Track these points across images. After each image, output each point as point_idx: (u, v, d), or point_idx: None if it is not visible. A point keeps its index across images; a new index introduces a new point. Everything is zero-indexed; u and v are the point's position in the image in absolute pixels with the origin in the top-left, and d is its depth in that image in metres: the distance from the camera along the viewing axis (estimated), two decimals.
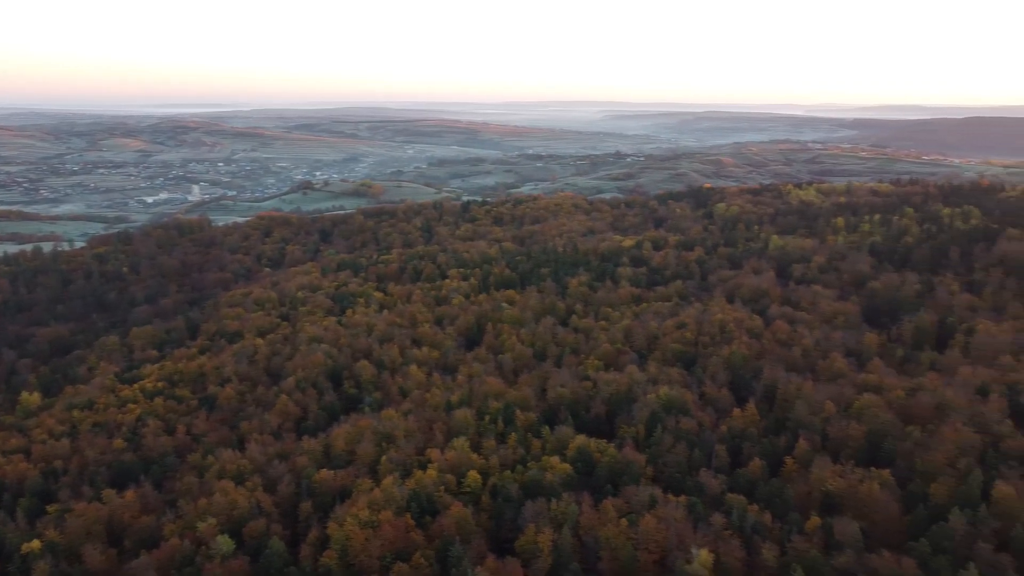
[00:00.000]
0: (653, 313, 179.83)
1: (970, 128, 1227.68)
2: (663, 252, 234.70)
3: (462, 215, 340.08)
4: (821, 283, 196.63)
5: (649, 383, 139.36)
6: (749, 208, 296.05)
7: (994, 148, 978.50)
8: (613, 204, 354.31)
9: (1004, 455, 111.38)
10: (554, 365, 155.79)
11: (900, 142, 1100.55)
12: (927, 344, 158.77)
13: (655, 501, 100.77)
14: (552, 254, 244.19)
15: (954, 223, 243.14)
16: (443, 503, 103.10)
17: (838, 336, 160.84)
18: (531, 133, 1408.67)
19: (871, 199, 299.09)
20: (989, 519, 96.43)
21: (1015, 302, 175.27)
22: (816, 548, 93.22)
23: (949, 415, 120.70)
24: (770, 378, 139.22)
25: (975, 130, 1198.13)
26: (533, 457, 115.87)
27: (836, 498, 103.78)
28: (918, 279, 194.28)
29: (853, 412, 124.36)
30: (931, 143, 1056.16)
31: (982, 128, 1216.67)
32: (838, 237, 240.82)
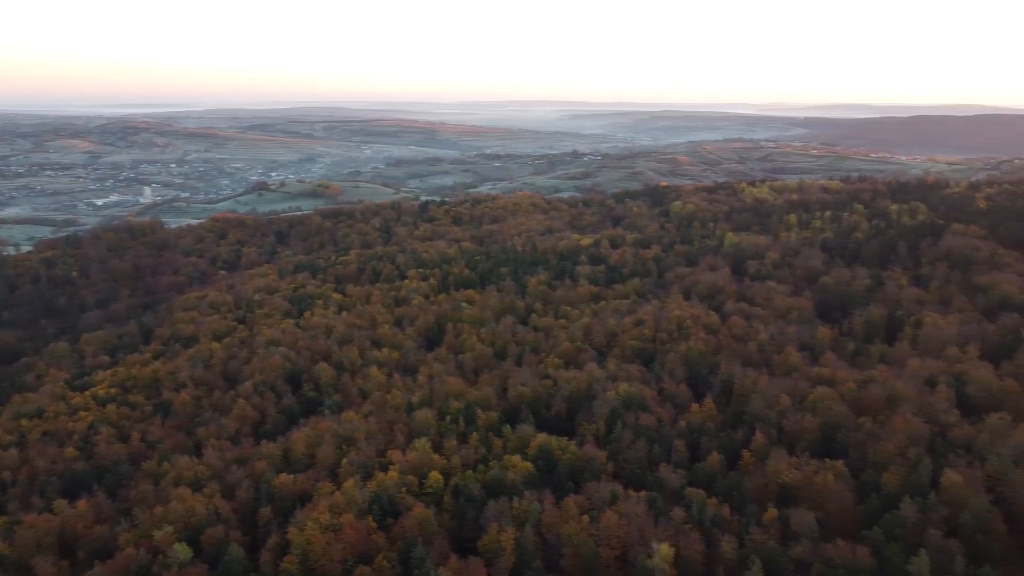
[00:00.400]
0: (612, 311, 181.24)
1: (915, 127, 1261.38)
2: (621, 250, 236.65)
3: (421, 215, 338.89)
4: (775, 279, 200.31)
5: (609, 380, 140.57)
6: (704, 206, 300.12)
7: (938, 146, 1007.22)
8: (571, 203, 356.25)
9: (952, 444, 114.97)
10: (514, 364, 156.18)
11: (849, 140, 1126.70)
12: (877, 337, 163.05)
13: (616, 497, 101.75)
14: (511, 253, 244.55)
15: (902, 219, 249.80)
16: (405, 504, 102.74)
17: (792, 331, 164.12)
18: (489, 133, 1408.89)
19: (822, 196, 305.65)
20: (938, 506, 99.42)
21: (960, 295, 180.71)
22: (773, 539, 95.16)
23: (899, 406, 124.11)
24: (727, 373, 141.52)
25: (920, 129, 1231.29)
26: (495, 456, 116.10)
27: (792, 490, 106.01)
28: (868, 274, 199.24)
29: (807, 405, 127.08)
30: (879, 141, 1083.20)
31: (927, 127, 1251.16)
32: (791, 234, 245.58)
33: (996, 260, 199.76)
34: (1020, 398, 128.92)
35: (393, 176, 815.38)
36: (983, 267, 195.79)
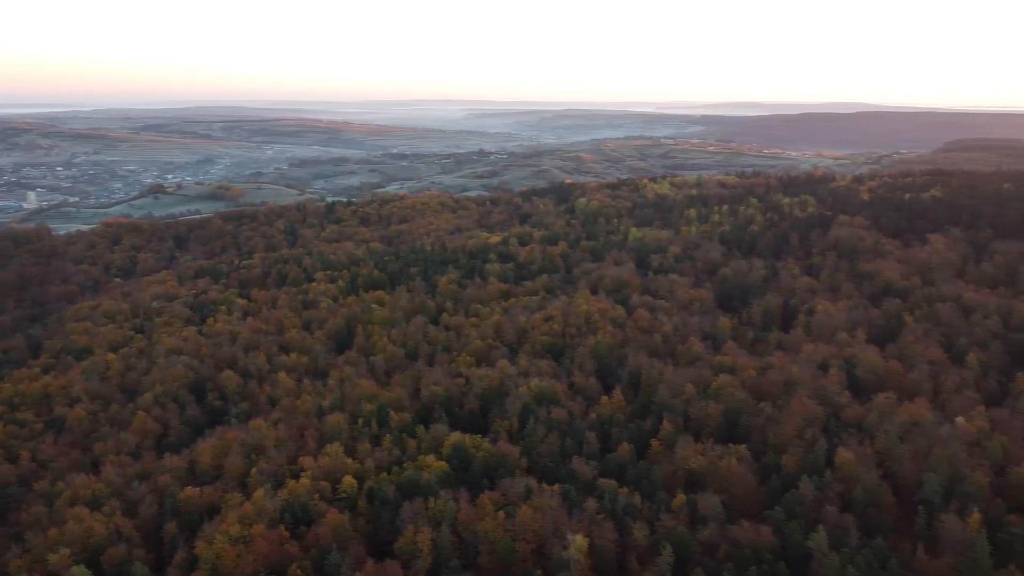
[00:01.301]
0: (521, 307, 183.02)
1: (804, 124, 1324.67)
2: (529, 247, 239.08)
3: (327, 216, 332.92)
4: (677, 272, 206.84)
5: (520, 376, 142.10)
6: (608, 202, 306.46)
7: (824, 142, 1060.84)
8: (479, 202, 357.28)
9: (844, 424, 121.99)
10: (426, 364, 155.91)
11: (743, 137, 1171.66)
12: (774, 325, 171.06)
13: (530, 491, 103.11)
14: (420, 253, 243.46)
15: (793, 211, 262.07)
16: (318, 511, 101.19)
17: (695, 321, 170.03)
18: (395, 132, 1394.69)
19: (720, 191, 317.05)
20: (833, 483, 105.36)
21: (847, 282, 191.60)
22: (683, 524, 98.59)
23: (795, 390, 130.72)
24: (634, 364, 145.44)
25: (808, 126, 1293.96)
26: (409, 457, 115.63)
27: (699, 475, 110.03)
28: (764, 265, 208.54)
29: (711, 392, 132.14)
30: (770, 138, 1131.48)
31: (814, 124, 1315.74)
32: (691, 228, 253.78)
33: (879, 249, 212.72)
34: (904, 378, 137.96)
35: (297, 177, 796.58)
36: (867, 256, 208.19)
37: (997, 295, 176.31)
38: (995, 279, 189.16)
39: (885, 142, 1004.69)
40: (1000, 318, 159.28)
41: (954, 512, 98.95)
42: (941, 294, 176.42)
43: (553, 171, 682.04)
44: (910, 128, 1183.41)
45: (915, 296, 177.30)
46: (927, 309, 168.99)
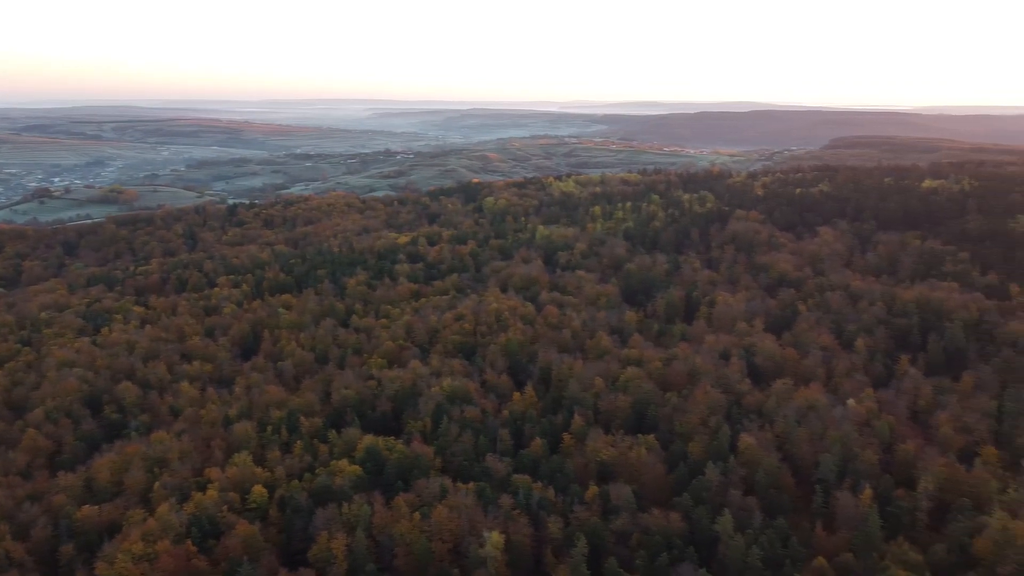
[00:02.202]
0: (432, 307, 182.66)
1: (701, 122, 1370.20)
2: (438, 247, 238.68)
3: (229, 219, 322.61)
4: (584, 268, 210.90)
5: (433, 376, 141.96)
6: (516, 201, 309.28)
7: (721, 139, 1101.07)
8: (387, 202, 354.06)
9: (745, 410, 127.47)
10: (337, 367, 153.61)
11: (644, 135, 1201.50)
12: (677, 317, 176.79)
13: (445, 491, 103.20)
14: (328, 255, 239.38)
15: (693, 207, 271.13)
16: (227, 523, 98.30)
17: (602, 316, 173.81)
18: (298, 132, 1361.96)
19: (623, 188, 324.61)
20: (737, 468, 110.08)
21: (745, 274, 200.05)
22: (596, 515, 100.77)
23: (699, 379, 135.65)
24: (544, 360, 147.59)
25: (705, 124, 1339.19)
26: (321, 463, 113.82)
27: (610, 466, 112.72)
28: (666, 259, 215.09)
29: (620, 385, 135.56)
30: (670, 136, 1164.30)
31: (711, 122, 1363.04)
32: (596, 225, 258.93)
33: (773, 242, 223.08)
34: (799, 364, 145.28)
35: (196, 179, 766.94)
36: (763, 248, 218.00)
37: (881, 283, 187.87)
38: (879, 268, 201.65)
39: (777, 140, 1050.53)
40: (884, 304, 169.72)
41: (848, 489, 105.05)
42: (831, 283, 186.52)
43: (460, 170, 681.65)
44: (799, 126, 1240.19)
45: (807, 286, 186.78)
46: (818, 298, 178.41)
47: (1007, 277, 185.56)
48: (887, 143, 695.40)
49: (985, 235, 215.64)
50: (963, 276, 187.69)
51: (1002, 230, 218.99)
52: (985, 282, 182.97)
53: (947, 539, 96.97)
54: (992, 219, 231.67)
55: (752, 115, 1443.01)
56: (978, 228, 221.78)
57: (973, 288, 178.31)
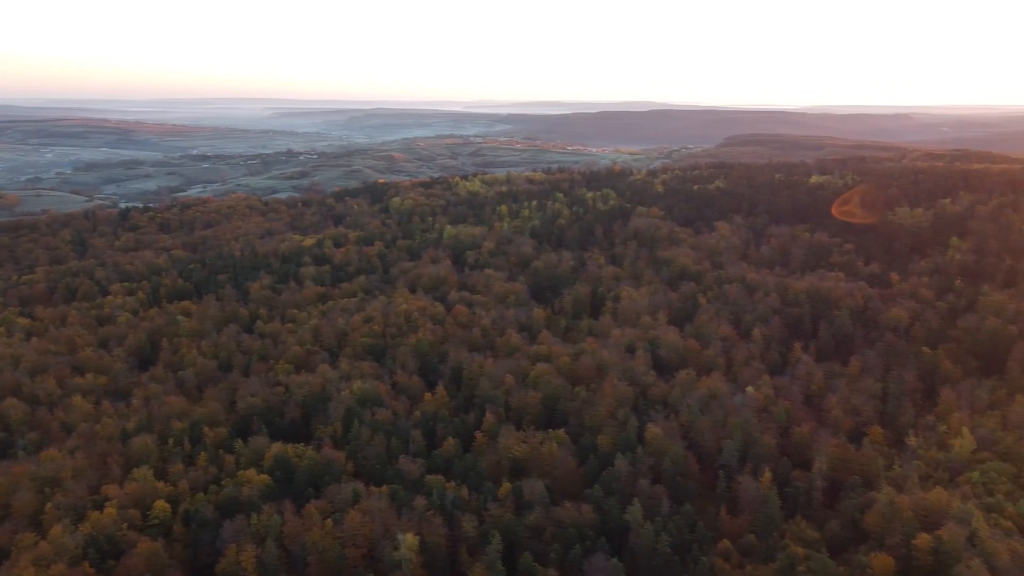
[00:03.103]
0: (340, 310, 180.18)
1: (602, 121, 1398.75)
2: (344, 249, 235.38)
3: (121, 224, 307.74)
4: (492, 267, 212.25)
5: (342, 380, 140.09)
6: (422, 201, 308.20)
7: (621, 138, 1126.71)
8: (290, 203, 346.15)
9: (651, 401, 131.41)
10: (242, 374, 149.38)
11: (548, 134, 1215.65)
12: (584, 313, 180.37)
13: (358, 495, 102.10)
14: (229, 259, 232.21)
15: (596, 205, 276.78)
16: (128, 542, 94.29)
17: (511, 314, 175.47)
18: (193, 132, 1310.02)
19: (528, 187, 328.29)
20: (645, 458, 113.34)
21: (648, 270, 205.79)
22: (509, 511, 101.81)
23: (607, 373, 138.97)
24: (455, 360, 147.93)
25: (606, 123, 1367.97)
26: (227, 474, 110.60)
27: (522, 462, 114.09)
28: (572, 256, 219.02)
29: (530, 381, 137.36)
30: (572, 135, 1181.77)
31: (611, 121, 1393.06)
32: (503, 223, 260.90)
33: (674, 237, 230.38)
34: (700, 355, 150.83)
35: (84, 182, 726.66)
36: (664, 243, 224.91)
37: (774, 274, 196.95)
38: (772, 260, 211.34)
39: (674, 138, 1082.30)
40: (778, 295, 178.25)
41: (749, 473, 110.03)
42: (728, 276, 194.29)
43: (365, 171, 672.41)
44: (695, 125, 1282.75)
45: (707, 279, 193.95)
46: (717, 290, 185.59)
47: (888, 266, 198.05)
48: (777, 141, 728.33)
49: (867, 227, 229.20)
50: (848, 266, 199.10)
51: (882, 222, 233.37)
52: (868, 271, 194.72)
53: (840, 515, 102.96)
54: (873, 211, 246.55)
55: (651, 114, 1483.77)
56: (861, 220, 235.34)
57: (858, 277, 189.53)
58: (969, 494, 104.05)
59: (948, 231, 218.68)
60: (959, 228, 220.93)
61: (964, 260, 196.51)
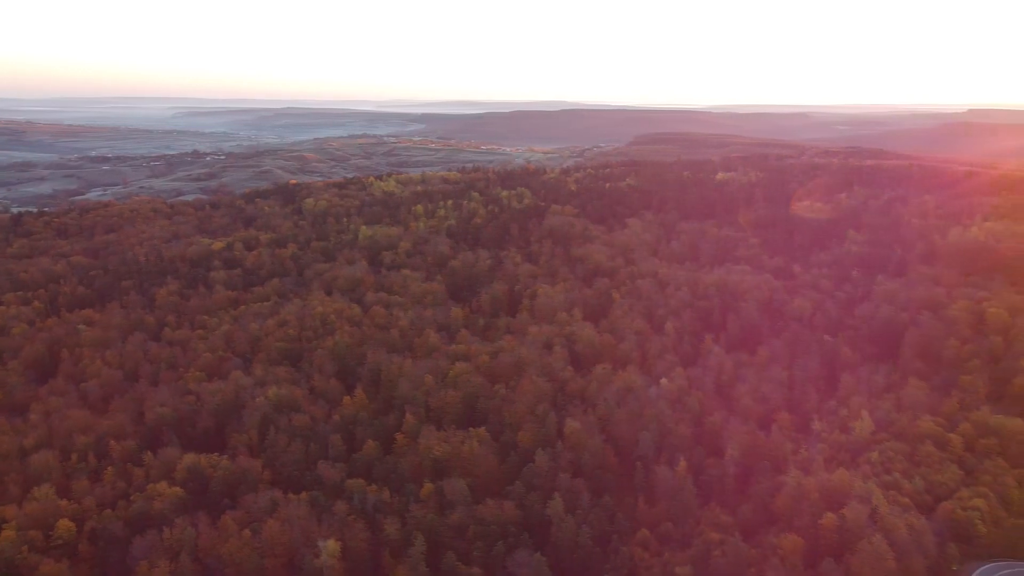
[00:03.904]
0: (253, 314, 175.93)
1: (516, 121, 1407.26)
2: (256, 252, 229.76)
3: (13, 230, 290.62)
4: (409, 267, 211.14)
5: (257, 386, 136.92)
6: (336, 201, 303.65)
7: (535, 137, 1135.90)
8: (197, 206, 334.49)
9: (570, 396, 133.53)
10: (150, 384, 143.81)
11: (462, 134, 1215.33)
12: (502, 311, 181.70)
13: (276, 504, 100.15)
14: (134, 265, 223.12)
15: (512, 203, 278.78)
16: (29, 564, 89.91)
17: (429, 314, 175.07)
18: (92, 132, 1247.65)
19: (444, 187, 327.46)
20: (564, 452, 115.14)
21: (563, 267, 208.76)
22: (432, 512, 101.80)
23: (525, 370, 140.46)
24: (373, 361, 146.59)
25: (519, 123, 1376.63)
26: (136, 488, 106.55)
27: (443, 462, 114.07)
28: (489, 255, 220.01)
29: (449, 381, 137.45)
30: (487, 134, 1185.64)
31: (525, 121, 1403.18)
32: (419, 223, 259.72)
33: (587, 234, 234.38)
34: (616, 349, 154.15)
35: None
36: (578, 241, 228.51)
37: (685, 269, 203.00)
38: (682, 255, 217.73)
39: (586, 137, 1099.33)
40: (689, 289, 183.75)
41: (665, 463, 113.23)
42: (641, 271, 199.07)
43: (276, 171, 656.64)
44: (606, 124, 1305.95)
45: (620, 275, 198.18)
46: (630, 286, 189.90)
47: (790, 259, 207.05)
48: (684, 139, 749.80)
49: (771, 221, 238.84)
50: (754, 259, 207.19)
51: (784, 216, 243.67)
52: (773, 264, 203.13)
53: (752, 500, 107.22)
54: (776, 207, 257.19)
55: (563, 114, 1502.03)
56: (764, 215, 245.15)
57: (763, 270, 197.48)
58: (869, 473, 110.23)
59: (844, 224, 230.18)
60: (854, 221, 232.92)
61: (860, 251, 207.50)
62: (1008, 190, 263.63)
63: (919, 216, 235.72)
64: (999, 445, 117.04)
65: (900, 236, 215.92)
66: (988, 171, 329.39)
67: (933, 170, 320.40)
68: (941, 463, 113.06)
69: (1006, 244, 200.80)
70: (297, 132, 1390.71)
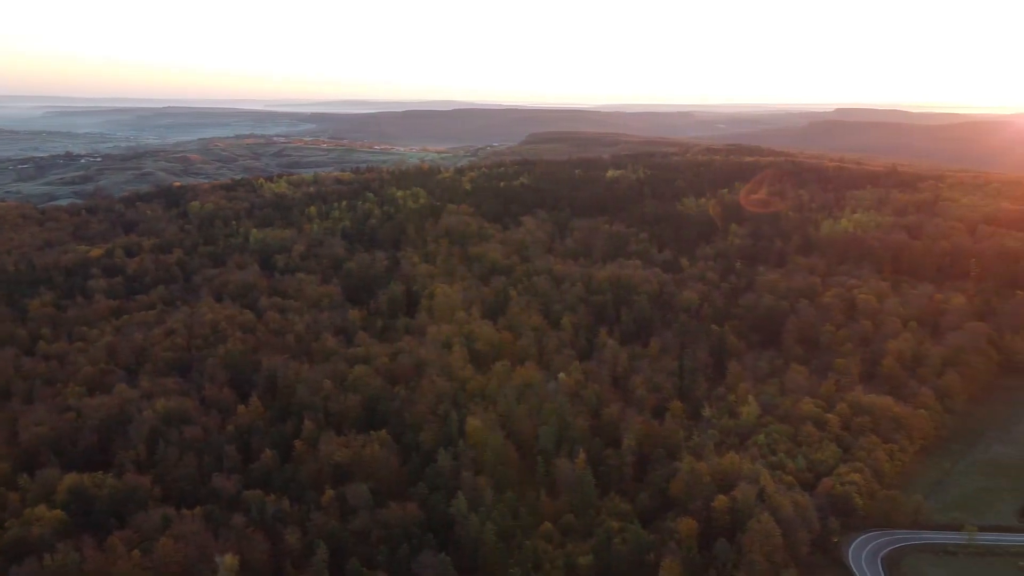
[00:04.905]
0: (138, 324, 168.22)
1: (409, 120, 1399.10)
2: (139, 258, 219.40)
3: None
4: (304, 270, 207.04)
5: (144, 399, 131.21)
6: (225, 204, 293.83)
7: (428, 137, 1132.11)
8: (72, 211, 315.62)
9: (469, 395, 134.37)
10: (24, 402, 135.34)
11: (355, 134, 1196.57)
12: (400, 312, 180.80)
13: (169, 521, 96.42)
14: (2, 274, 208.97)
15: (407, 203, 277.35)
16: None
17: (326, 317, 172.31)
18: None
19: (337, 188, 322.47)
20: (466, 451, 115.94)
21: (460, 266, 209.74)
22: (334, 518, 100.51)
23: (425, 370, 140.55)
24: (269, 368, 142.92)
25: (413, 122, 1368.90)
26: (12, 513, 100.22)
27: (345, 467, 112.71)
28: (385, 256, 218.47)
29: (349, 385, 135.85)
30: (380, 134, 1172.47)
31: (418, 120, 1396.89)
32: (313, 225, 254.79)
33: (483, 233, 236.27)
34: (514, 346, 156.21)
35: None
36: (474, 240, 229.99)
37: (579, 265, 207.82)
38: (576, 252, 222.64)
39: (479, 136, 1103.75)
40: (583, 284, 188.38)
41: (565, 456, 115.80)
42: (537, 268, 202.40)
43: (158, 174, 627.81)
44: (498, 123, 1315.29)
45: (516, 272, 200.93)
46: (527, 283, 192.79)
47: (678, 252, 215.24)
48: (575, 138, 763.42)
49: (659, 217, 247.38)
50: (644, 254, 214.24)
51: (672, 212, 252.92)
52: (662, 258, 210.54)
53: (649, 487, 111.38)
54: (663, 203, 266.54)
55: (456, 113, 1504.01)
56: (653, 211, 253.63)
57: (653, 264, 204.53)
58: (756, 455, 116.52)
59: (728, 218, 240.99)
60: (737, 215, 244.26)
61: (742, 244, 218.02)
62: (873, 183, 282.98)
63: (795, 209, 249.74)
64: (872, 422, 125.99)
65: (779, 229, 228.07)
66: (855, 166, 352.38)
67: (806, 166, 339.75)
68: (821, 442, 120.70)
69: (872, 234, 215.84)
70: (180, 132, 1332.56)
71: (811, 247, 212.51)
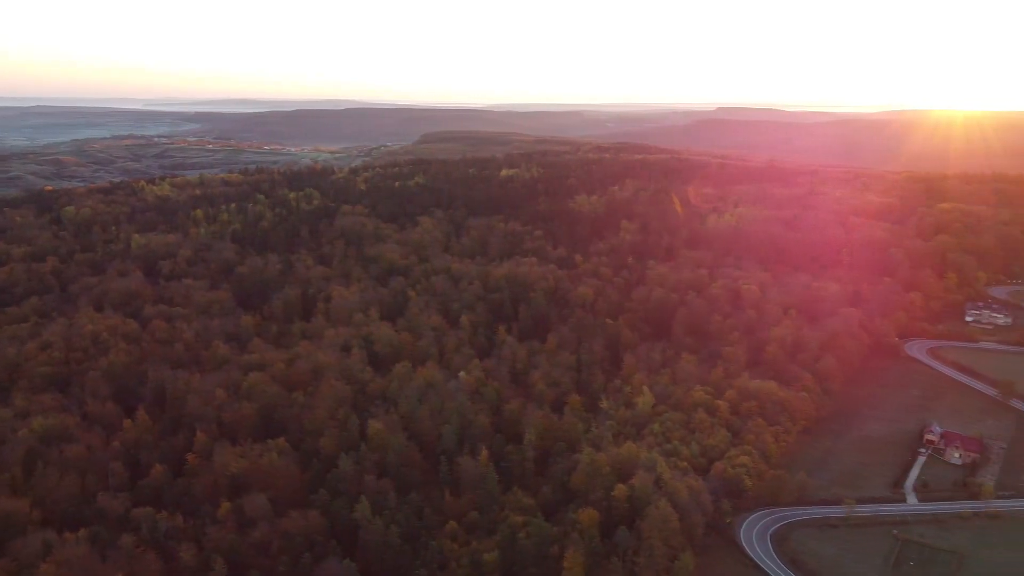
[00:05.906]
0: (9, 338, 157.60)
1: (299, 119, 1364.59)
2: (8, 267, 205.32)
3: None
4: (191, 276, 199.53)
5: (18, 418, 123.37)
6: (103, 208, 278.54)
7: (320, 137, 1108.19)
8: None
9: (370, 397, 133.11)
10: None
11: (242, 134, 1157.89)
12: (296, 316, 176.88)
13: (50, 546, 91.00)
14: None
15: (300, 205, 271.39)
16: None
17: (217, 324, 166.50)
18: None
19: (225, 189, 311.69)
20: (369, 454, 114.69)
21: (357, 267, 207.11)
22: (232, 531, 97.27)
23: (324, 374, 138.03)
24: (156, 380, 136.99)
25: (303, 122, 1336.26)
26: None
27: (241, 478, 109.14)
28: (279, 259, 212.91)
29: (243, 393, 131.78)
30: (269, 134, 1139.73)
31: (309, 120, 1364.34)
32: (200, 229, 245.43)
33: (379, 233, 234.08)
34: (414, 346, 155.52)
35: None
36: (371, 240, 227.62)
37: (476, 263, 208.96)
38: (472, 250, 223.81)
39: (372, 136, 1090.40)
40: (480, 282, 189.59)
41: (468, 454, 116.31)
42: (434, 268, 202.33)
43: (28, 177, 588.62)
44: (392, 123, 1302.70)
45: (414, 272, 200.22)
46: (425, 283, 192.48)
47: (572, 249, 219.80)
48: (469, 137, 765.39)
49: (553, 214, 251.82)
50: (540, 251, 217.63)
51: (565, 209, 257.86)
52: (557, 255, 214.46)
53: (551, 480, 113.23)
54: (557, 200, 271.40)
55: (348, 112, 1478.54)
56: (547, 209, 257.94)
57: (548, 261, 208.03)
58: (653, 444, 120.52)
59: (619, 215, 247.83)
60: (627, 212, 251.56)
61: (633, 240, 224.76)
62: (754, 179, 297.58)
63: (682, 205, 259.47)
64: (758, 407, 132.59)
65: (667, 224, 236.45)
66: (737, 162, 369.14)
67: (692, 163, 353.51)
68: (712, 428, 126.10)
69: (754, 228, 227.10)
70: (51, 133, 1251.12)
71: (698, 241, 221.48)
